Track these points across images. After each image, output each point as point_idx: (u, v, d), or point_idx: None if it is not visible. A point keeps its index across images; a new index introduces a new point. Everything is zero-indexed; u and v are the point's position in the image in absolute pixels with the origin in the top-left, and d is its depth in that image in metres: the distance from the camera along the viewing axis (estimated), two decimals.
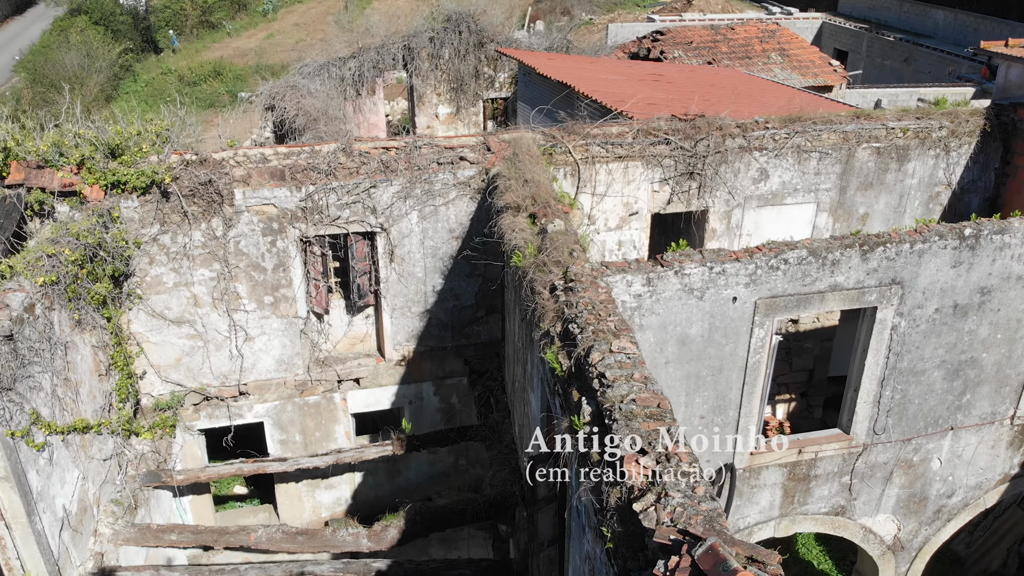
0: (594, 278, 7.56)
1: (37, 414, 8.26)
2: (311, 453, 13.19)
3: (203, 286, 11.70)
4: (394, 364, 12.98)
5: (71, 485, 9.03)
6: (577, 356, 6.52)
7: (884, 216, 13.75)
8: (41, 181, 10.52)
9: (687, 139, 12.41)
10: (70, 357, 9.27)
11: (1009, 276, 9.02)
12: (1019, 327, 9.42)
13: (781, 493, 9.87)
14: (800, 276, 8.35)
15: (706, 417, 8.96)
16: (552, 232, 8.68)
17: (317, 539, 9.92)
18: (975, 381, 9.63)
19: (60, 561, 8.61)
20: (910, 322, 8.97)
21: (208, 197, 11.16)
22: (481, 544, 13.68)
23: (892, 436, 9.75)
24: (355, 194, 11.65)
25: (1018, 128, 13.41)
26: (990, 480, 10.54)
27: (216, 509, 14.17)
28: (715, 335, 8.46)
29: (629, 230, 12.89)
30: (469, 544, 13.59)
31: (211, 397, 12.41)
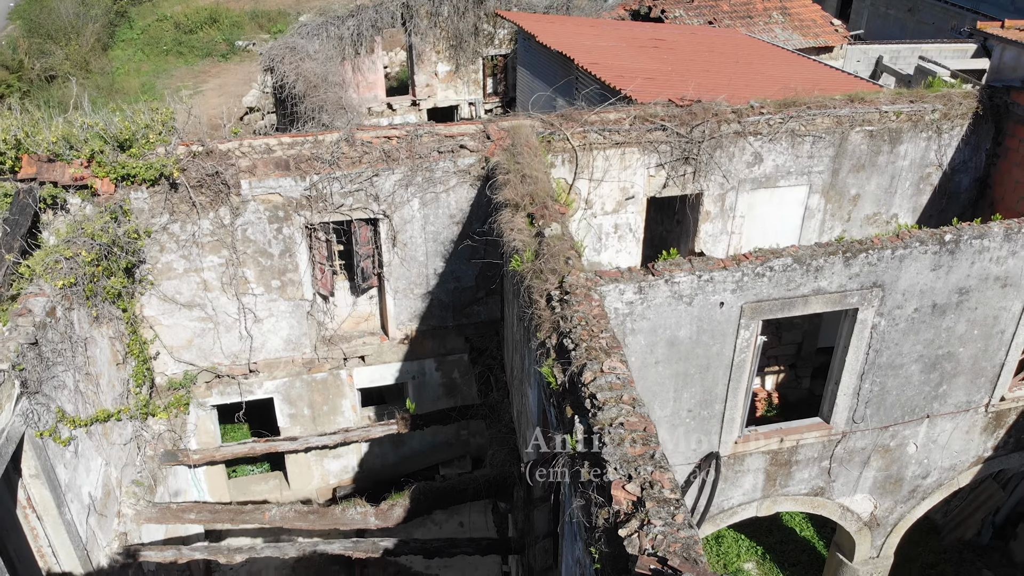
0: (588, 289, 7.96)
1: (63, 412, 8.77)
2: (320, 431, 13.81)
3: (212, 272, 12.09)
4: (397, 342, 13.47)
5: (96, 473, 9.60)
6: (571, 373, 6.97)
7: (875, 197, 14.05)
8: (52, 175, 10.82)
9: (683, 125, 12.64)
10: (90, 352, 9.74)
11: (987, 277, 9.41)
12: (996, 323, 9.86)
13: (764, 477, 10.47)
14: (785, 282, 8.75)
15: (693, 411, 9.47)
16: (549, 236, 9.04)
17: (328, 517, 10.55)
18: (951, 373, 10.12)
19: (88, 545, 9.23)
20: (890, 321, 9.41)
21: (215, 187, 11.47)
22: (480, 510, 14.41)
23: (870, 424, 10.30)
24: (358, 182, 11.95)
25: (1011, 110, 13.60)
26: (964, 462, 11.14)
27: (229, 475, 14.85)
28: (703, 337, 8.91)
29: (625, 213, 13.21)
30: (470, 510, 14.30)
31: (222, 375, 12.93)
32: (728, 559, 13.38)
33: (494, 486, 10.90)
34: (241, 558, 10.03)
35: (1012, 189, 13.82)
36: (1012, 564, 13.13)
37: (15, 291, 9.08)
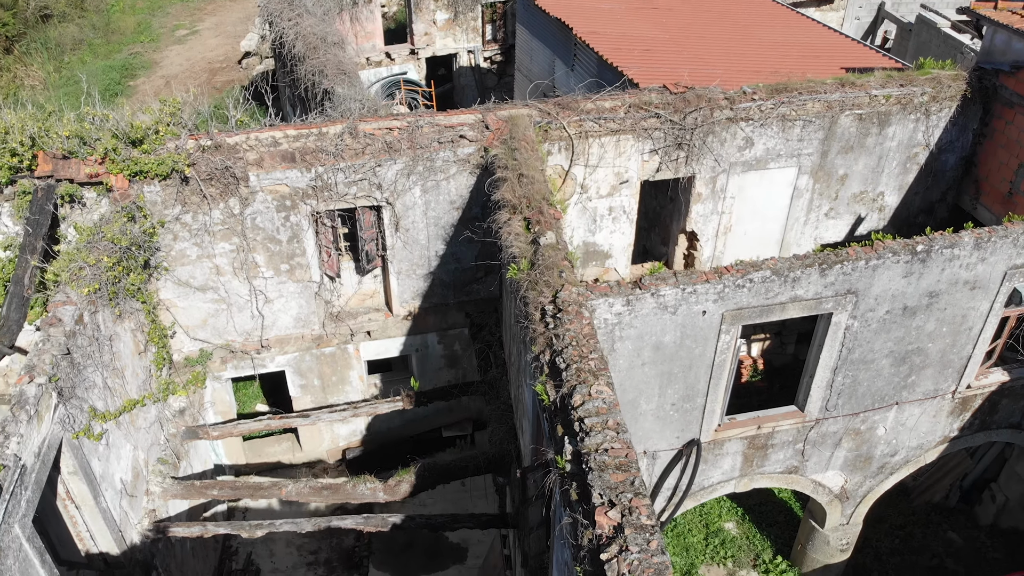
0: (580, 306, 8.57)
1: (94, 410, 9.51)
2: (329, 400, 14.66)
3: (224, 257, 12.66)
4: (401, 318, 14.14)
5: (125, 459, 10.42)
6: (562, 394, 7.66)
7: (863, 176, 14.48)
8: (68, 172, 11.28)
9: (677, 112, 12.98)
10: (115, 348, 10.42)
11: (957, 281, 9.99)
12: (964, 321, 10.49)
13: (741, 459, 11.29)
14: (764, 291, 9.34)
15: (676, 404, 10.21)
16: (544, 246, 9.59)
17: (340, 492, 11.43)
18: (920, 366, 10.82)
19: (121, 525, 10.12)
20: (862, 322, 10.04)
21: (225, 180, 11.93)
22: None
23: (842, 412, 11.06)
24: (361, 172, 12.39)
25: (999, 93, 13.89)
26: (931, 442, 11.96)
27: (244, 438, 15.75)
28: (686, 341, 9.56)
29: (620, 196, 13.68)
30: None
31: (236, 351, 13.66)
32: (710, 519, 14.40)
33: (493, 463, 11.76)
34: (262, 533, 10.95)
35: (997, 169, 14.23)
36: (976, 527, 14.13)
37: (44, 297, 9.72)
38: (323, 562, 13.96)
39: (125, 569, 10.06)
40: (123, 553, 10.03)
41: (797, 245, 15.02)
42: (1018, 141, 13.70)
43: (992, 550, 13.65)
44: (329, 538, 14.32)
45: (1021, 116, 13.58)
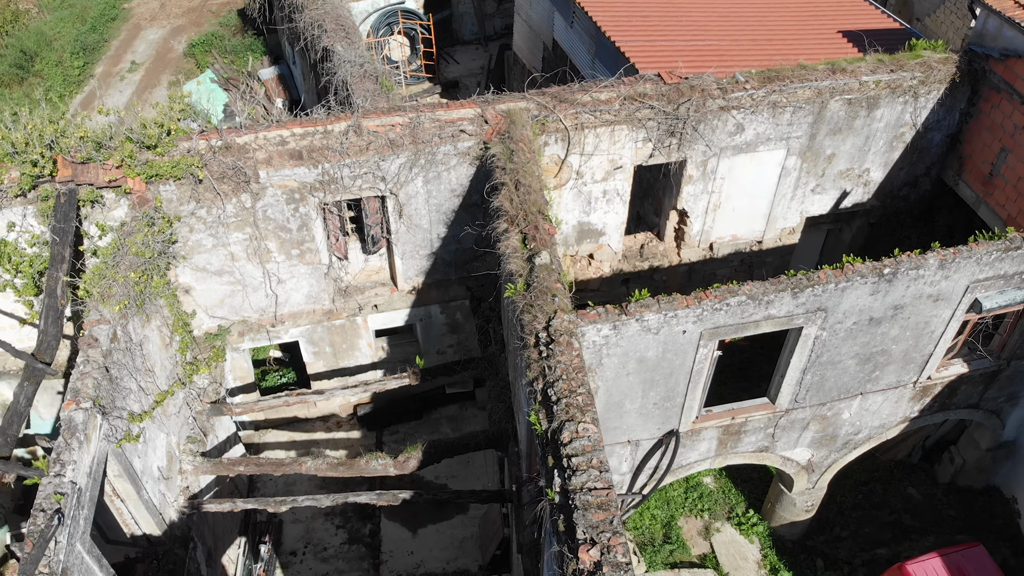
0: (570, 334, 9.43)
1: (132, 414, 10.54)
2: (343, 370, 15.77)
3: (238, 245, 13.38)
4: (406, 292, 14.99)
5: (161, 447, 11.55)
6: (553, 428, 8.65)
7: (849, 155, 14.96)
8: (88, 177, 11.86)
9: (670, 103, 13.37)
10: (145, 349, 11.35)
11: (921, 296, 10.78)
12: (927, 326, 11.34)
13: (716, 442, 12.42)
14: (739, 313, 10.16)
15: (658, 404, 11.22)
16: (539, 266, 10.34)
17: (354, 467, 12.62)
18: (884, 363, 11.75)
19: (160, 507, 11.36)
20: (831, 332, 10.90)
21: (236, 178, 12.52)
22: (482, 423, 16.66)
23: (810, 403, 12.09)
24: (366, 167, 12.94)
25: (988, 77, 14.18)
26: (892, 422, 13.05)
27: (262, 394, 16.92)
28: (667, 354, 10.46)
29: (614, 181, 14.24)
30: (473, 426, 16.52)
31: (252, 325, 14.59)
32: (689, 476, 15.73)
33: (493, 440, 12.91)
34: (285, 508, 12.22)
35: (980, 150, 14.70)
36: (935, 484, 15.44)
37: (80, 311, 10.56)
38: (339, 513, 15.40)
39: (166, 545, 11.37)
40: (163, 532, 11.31)
41: (783, 218, 15.68)
42: (1002, 126, 14.12)
43: (947, 507, 15.03)
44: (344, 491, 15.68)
45: (1007, 102, 13.94)
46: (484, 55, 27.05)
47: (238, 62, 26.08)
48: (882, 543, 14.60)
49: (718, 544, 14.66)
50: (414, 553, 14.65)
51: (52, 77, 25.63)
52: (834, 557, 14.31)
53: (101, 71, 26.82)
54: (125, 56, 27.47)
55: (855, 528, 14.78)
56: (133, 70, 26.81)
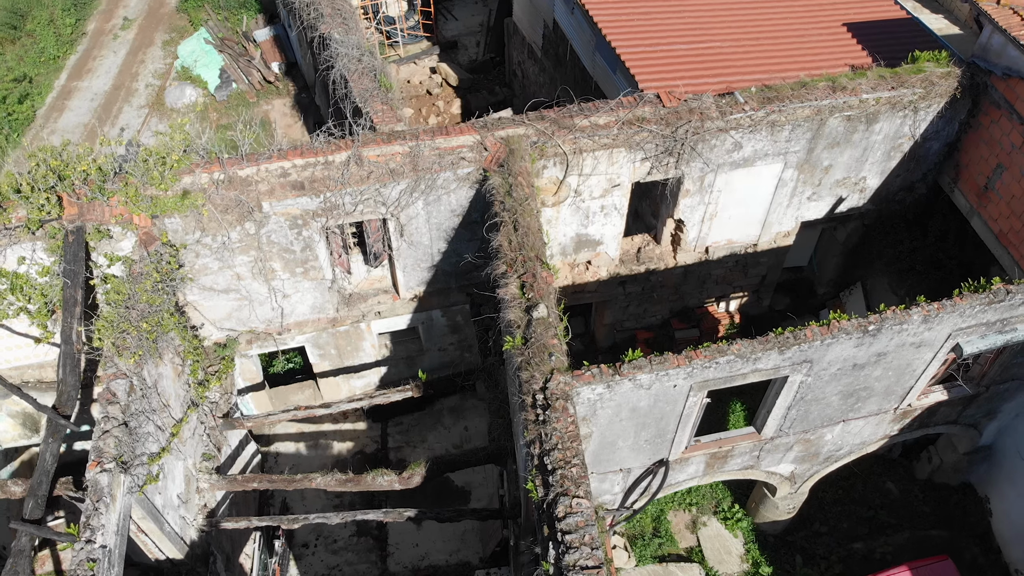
0: (566, 398, 9.91)
1: (151, 457, 11.14)
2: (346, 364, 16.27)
3: (243, 267, 13.70)
4: (408, 300, 15.38)
5: (179, 475, 12.22)
6: (549, 500, 9.25)
7: (847, 166, 15.06)
8: (93, 215, 12.08)
9: (668, 126, 13.41)
10: (160, 387, 11.87)
11: (904, 344, 11.18)
12: (908, 367, 11.80)
13: (704, 465, 13.08)
14: (728, 369, 10.59)
15: (649, 440, 11.80)
16: (536, 319, 10.72)
17: (361, 483, 13.33)
18: (866, 397, 12.27)
19: (181, 532, 12.13)
20: (816, 378, 11.35)
21: (240, 209, 12.73)
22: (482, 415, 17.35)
23: (795, 431, 12.68)
24: (367, 194, 13.12)
25: (989, 92, 14.14)
26: (873, 439, 13.67)
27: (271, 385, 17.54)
28: (659, 403, 10.96)
29: (611, 197, 14.41)
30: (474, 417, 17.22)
31: (259, 334, 15.06)
32: None
33: (492, 456, 13.59)
34: (298, 526, 13.00)
35: (977, 162, 14.78)
36: (912, 479, 16.23)
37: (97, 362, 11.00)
38: (347, 504, 16.28)
39: (188, 564, 12.21)
40: (185, 553, 12.12)
41: (779, 224, 15.90)
42: (1000, 142, 14.18)
43: (923, 503, 15.87)
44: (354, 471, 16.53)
45: (1006, 120, 13.95)
46: (483, 10, 26.42)
47: (232, 20, 25.54)
48: (858, 538, 15.52)
49: (704, 538, 15.59)
50: (419, 545, 15.60)
51: (45, 37, 25.16)
52: (812, 552, 15.27)
53: (93, 28, 26.28)
54: (117, 11, 26.86)
55: (834, 523, 15.69)
56: (126, 27, 26.26)
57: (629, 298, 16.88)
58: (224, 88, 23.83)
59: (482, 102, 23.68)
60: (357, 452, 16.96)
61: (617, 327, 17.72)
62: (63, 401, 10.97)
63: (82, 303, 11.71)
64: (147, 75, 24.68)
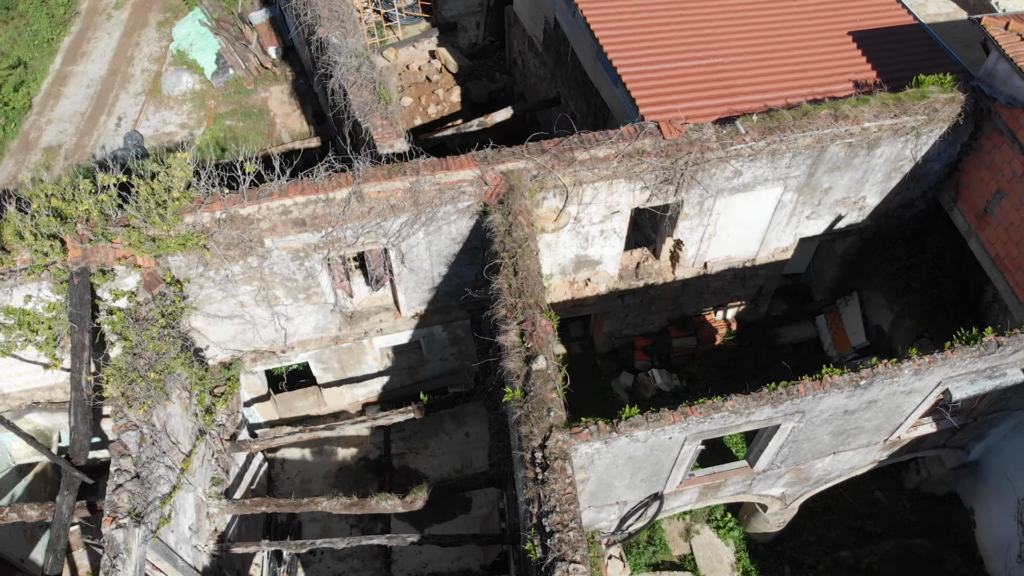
0: (564, 457, 10.23)
1: (163, 498, 11.53)
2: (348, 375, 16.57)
3: (247, 295, 13.87)
4: (409, 318, 15.59)
5: (190, 506, 12.64)
6: (546, 565, 9.66)
7: (847, 187, 15.08)
8: (98, 258, 12.21)
9: (668, 158, 13.39)
10: (170, 426, 12.18)
11: (894, 392, 11.45)
12: (898, 408, 12.08)
13: (698, 494, 13.49)
14: (722, 422, 10.88)
15: (645, 479, 12.16)
16: (535, 372, 10.97)
17: (366, 506, 13.77)
18: (856, 434, 12.58)
19: (194, 561, 12.62)
20: (807, 423, 11.65)
21: (242, 247, 12.84)
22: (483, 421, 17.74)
23: (786, 464, 13.04)
24: (368, 228, 13.20)
25: (992, 118, 14.07)
26: (862, 465, 14.06)
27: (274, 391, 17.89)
28: (654, 452, 11.27)
29: (611, 222, 14.47)
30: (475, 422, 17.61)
31: (264, 353, 15.33)
32: None
33: (493, 480, 14.00)
34: (305, 550, 13.48)
35: (977, 184, 14.79)
36: (900, 489, 16.69)
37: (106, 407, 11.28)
38: (353, 515, 16.77)
39: None
40: None
41: (777, 240, 16.00)
42: (1001, 169, 14.17)
43: (910, 512, 16.37)
44: (356, 488, 17.01)
45: (1008, 148, 13.92)
46: None
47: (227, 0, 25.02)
48: (846, 546, 16.08)
49: (697, 546, 16.16)
50: (422, 552, 16.17)
51: (38, 19, 24.68)
52: (800, 562, 15.84)
53: (87, 7, 25.74)
54: None
55: (822, 533, 16.23)
56: (119, 6, 25.72)
57: (627, 309, 17.08)
58: (221, 75, 23.51)
59: (482, 90, 23.43)
60: (361, 458, 17.42)
61: (616, 335, 17.97)
62: (76, 451, 11.30)
63: (90, 347, 11.94)
64: (143, 59, 24.32)
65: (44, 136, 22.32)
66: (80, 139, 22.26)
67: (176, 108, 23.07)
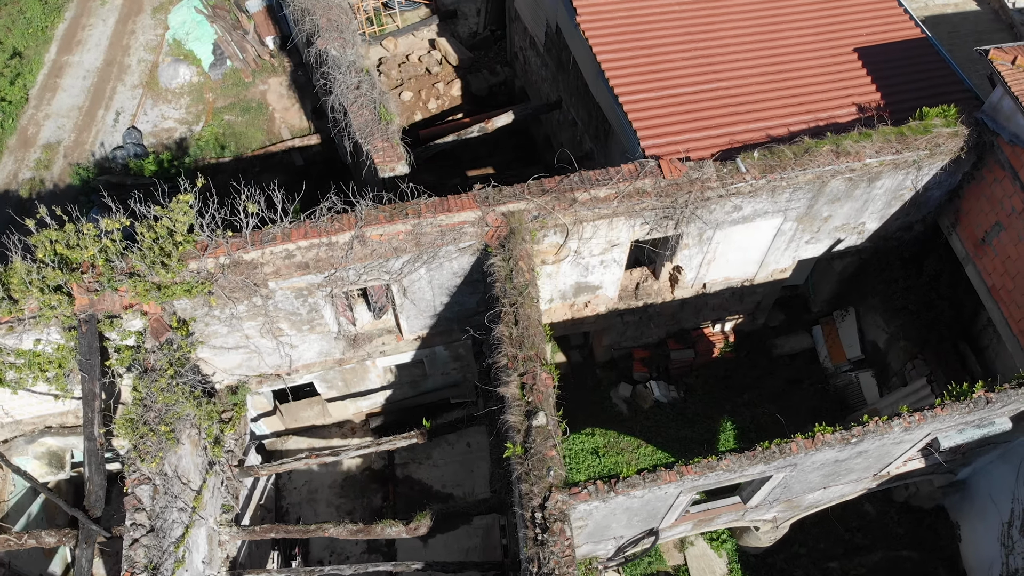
0: (563, 518, 10.61)
1: (177, 542, 11.97)
2: (351, 391, 16.91)
3: (252, 329, 14.08)
4: (411, 340, 15.84)
5: (202, 541, 13.11)
6: None
7: (846, 215, 15.14)
8: (105, 306, 12.40)
9: (668, 197, 13.44)
10: (181, 468, 12.55)
11: (884, 443, 11.77)
12: (887, 454, 12.43)
13: (692, 524, 13.95)
14: (716, 477, 11.23)
15: (641, 520, 12.60)
16: (535, 428, 11.28)
17: (372, 532, 14.27)
18: (846, 474, 12.96)
19: None
20: (799, 471, 12.02)
21: (247, 289, 13.00)
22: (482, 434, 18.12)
23: (778, 500, 13.46)
24: (371, 267, 13.33)
25: (995, 152, 14.05)
26: (852, 493, 14.50)
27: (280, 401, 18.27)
28: (650, 502, 11.67)
29: (611, 253, 14.59)
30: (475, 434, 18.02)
31: (269, 376, 15.63)
32: None
33: (494, 508, 14.46)
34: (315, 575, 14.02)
35: (976, 213, 14.85)
36: (889, 502, 17.14)
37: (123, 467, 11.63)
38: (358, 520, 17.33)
39: None
40: None
41: (776, 263, 16.12)
42: (1001, 202, 14.21)
43: (897, 525, 16.89)
44: (361, 498, 17.56)
45: (1009, 183, 13.94)
46: None
47: None
48: (834, 558, 16.67)
49: (691, 557, 16.75)
50: None
51: (31, 5, 24.22)
52: (790, 573, 16.44)
53: None
54: None
55: (812, 544, 16.79)
56: None
57: (627, 325, 17.31)
58: (218, 66, 23.23)
59: (482, 83, 23.17)
60: (365, 468, 17.90)
61: (615, 346, 18.24)
62: (92, 502, 11.68)
63: (101, 396, 12.23)
64: (139, 48, 23.99)
65: (42, 132, 22.21)
66: (79, 135, 22.16)
67: (174, 102, 22.89)
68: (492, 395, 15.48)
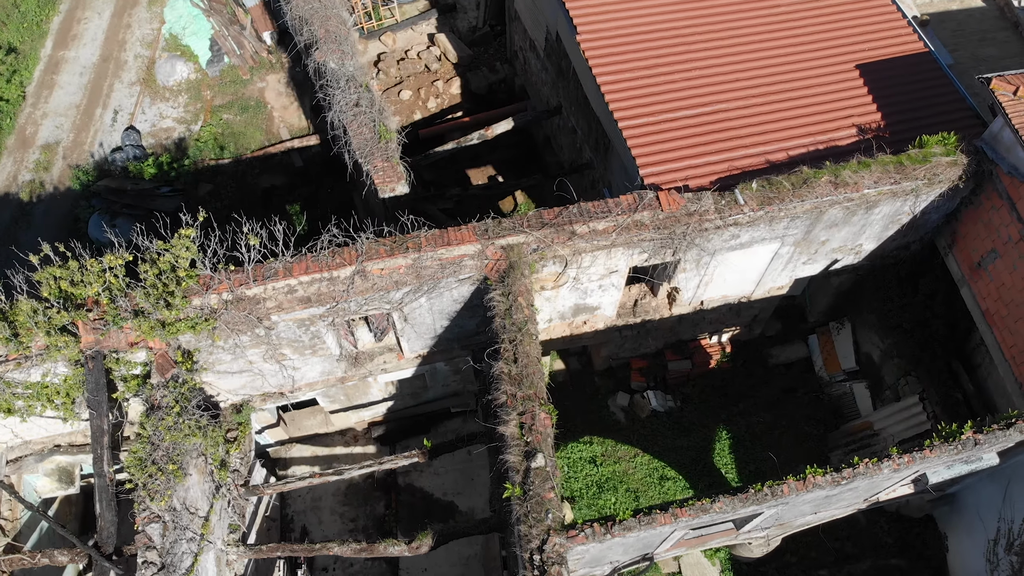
0: (561, 562, 10.97)
1: (186, 572, 12.35)
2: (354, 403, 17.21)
3: (255, 356, 14.29)
4: (412, 359, 16.07)
5: (211, 564, 13.51)
6: None
7: (843, 239, 15.24)
8: (110, 343, 12.59)
9: (667, 229, 13.52)
10: (189, 498, 12.88)
11: (872, 481, 12.07)
12: (877, 487, 12.74)
13: (687, 546, 14.35)
14: (709, 518, 11.56)
15: (637, 550, 12.98)
16: (534, 470, 11.57)
17: (375, 551, 14.68)
18: (836, 502, 13.30)
19: None
20: (791, 506, 12.35)
21: (249, 323, 13.18)
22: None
23: (770, 524, 13.82)
24: (372, 299, 13.49)
25: (993, 180, 14.09)
26: (842, 514, 14.87)
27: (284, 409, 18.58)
28: (645, 537, 12.02)
29: (609, 279, 14.72)
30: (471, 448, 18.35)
31: (272, 394, 15.90)
32: (668, 496, 17.85)
33: (494, 528, 14.84)
34: None
35: (972, 237, 14.94)
36: (880, 511, 17.58)
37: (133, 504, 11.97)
38: (361, 528, 17.79)
39: None
40: None
41: (773, 282, 16.27)
42: (997, 230, 14.29)
43: (887, 534, 17.31)
44: (364, 506, 17.98)
45: (1006, 212, 14.01)
46: None
47: None
48: (824, 566, 17.13)
49: (685, 565, 17.21)
50: (427, 570, 17.26)
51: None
52: None
53: None
54: None
55: (803, 553, 17.24)
56: None
57: (625, 339, 17.52)
58: (216, 63, 23.04)
59: (482, 81, 22.99)
60: (368, 477, 18.28)
61: (613, 357, 18.48)
62: (104, 538, 12.03)
63: (109, 432, 12.49)
64: (135, 43, 23.75)
65: (41, 132, 22.15)
66: (77, 135, 22.10)
67: (172, 100, 22.77)
68: (491, 403, 15.80)
